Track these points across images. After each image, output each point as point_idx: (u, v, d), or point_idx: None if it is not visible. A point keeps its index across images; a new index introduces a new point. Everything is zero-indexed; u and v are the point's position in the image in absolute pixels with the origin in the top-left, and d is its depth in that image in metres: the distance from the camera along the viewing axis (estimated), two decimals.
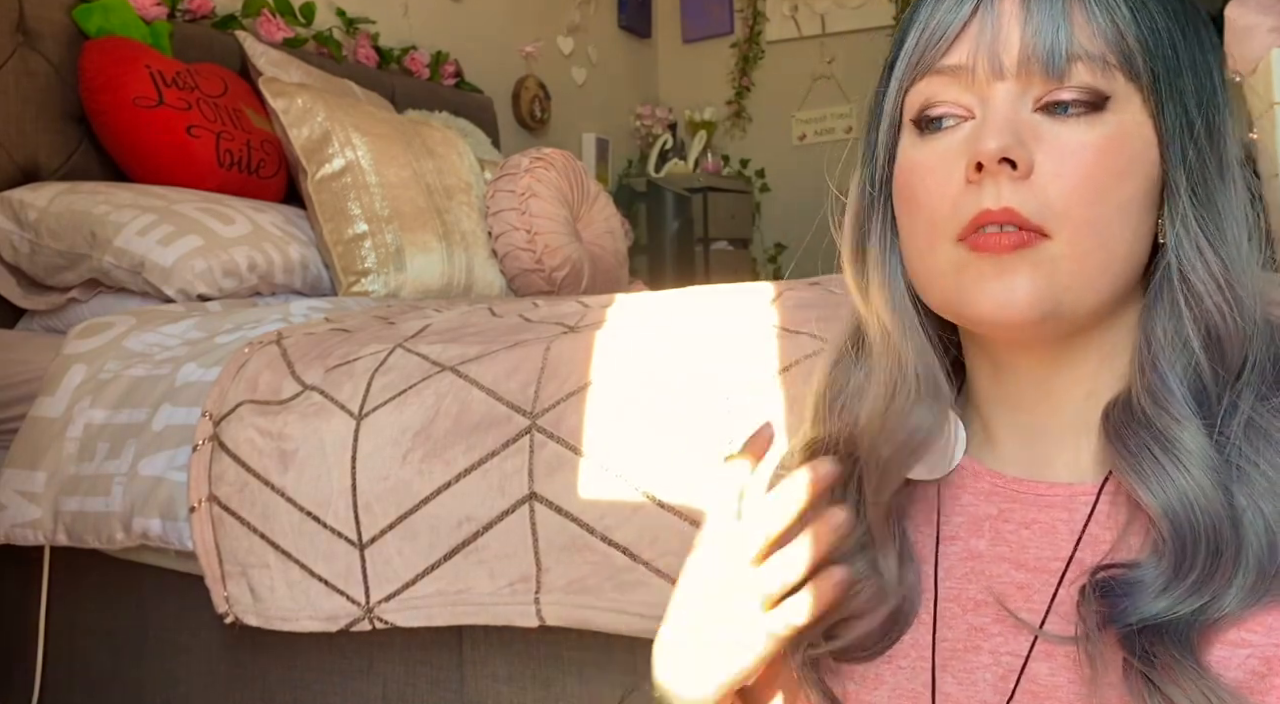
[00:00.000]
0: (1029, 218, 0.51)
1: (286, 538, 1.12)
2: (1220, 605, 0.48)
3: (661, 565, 0.95)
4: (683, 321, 1.13)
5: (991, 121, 0.52)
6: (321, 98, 2.01)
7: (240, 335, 1.38)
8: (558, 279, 2.19)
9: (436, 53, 2.88)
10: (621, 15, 4.05)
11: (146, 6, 1.99)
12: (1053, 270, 0.51)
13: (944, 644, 0.58)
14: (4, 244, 1.69)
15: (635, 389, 1.02)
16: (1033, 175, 0.51)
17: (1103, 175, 0.51)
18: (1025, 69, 0.52)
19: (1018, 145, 0.51)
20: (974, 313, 0.53)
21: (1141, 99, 0.52)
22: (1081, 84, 0.51)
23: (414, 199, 2.02)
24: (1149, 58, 0.52)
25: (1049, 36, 0.51)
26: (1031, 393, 0.58)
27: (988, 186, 0.52)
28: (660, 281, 3.23)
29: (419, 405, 1.11)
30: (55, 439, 1.33)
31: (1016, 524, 0.57)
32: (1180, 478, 0.50)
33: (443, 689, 1.15)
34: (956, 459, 0.61)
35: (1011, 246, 0.51)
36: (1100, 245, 0.52)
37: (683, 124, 4.18)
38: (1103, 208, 0.51)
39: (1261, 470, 0.50)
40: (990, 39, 0.53)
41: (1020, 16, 0.52)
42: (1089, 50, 0.51)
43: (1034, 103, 0.52)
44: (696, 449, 0.96)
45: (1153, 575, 0.50)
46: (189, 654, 1.33)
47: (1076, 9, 0.52)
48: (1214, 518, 0.49)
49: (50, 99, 1.83)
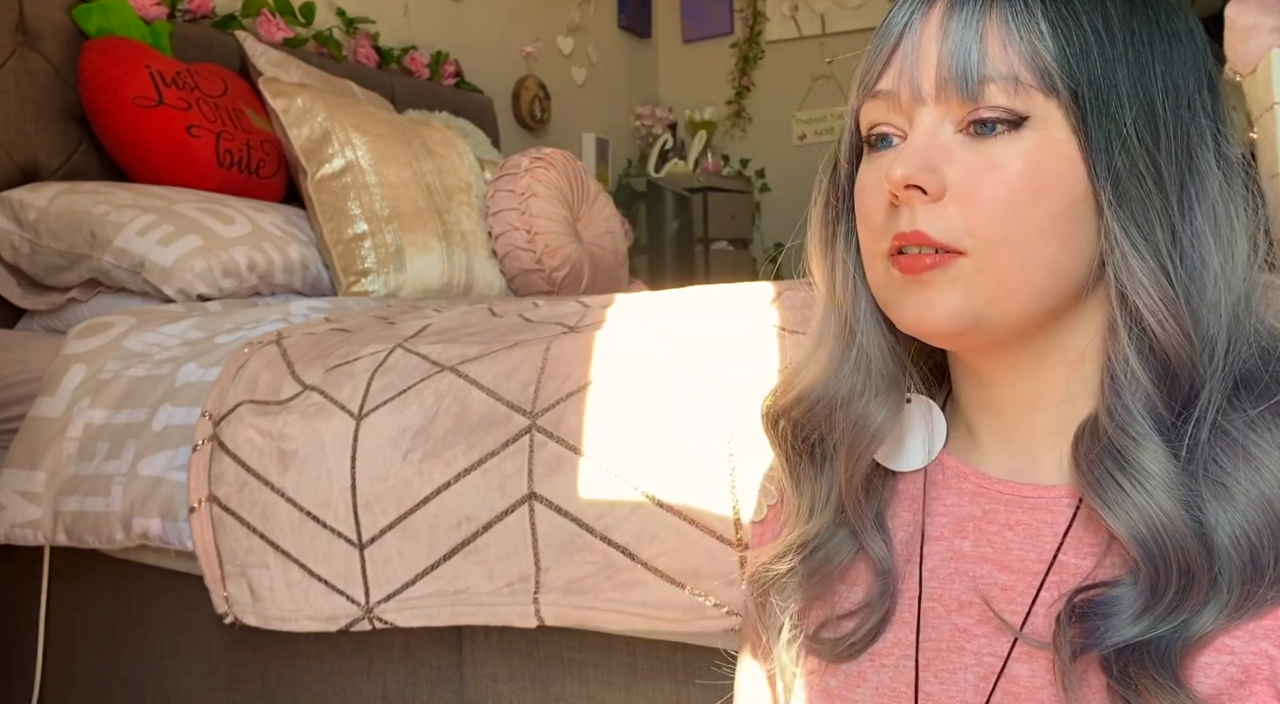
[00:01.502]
0: (936, 238, 0.52)
1: (286, 538, 1.12)
2: (1200, 624, 0.48)
3: (660, 565, 0.95)
4: (683, 321, 1.13)
5: (905, 148, 0.54)
6: (321, 98, 2.01)
7: (240, 335, 1.38)
8: (558, 279, 2.19)
9: (436, 53, 2.88)
10: (621, 15, 4.05)
11: (146, 6, 1.99)
12: (968, 286, 0.53)
13: (927, 644, 0.58)
14: (4, 244, 1.69)
15: (635, 389, 1.02)
16: (946, 196, 0.52)
17: (1016, 194, 0.52)
18: (943, 93, 0.53)
19: (924, 171, 0.52)
20: (902, 323, 0.56)
21: (1063, 114, 0.52)
22: (996, 105, 0.52)
23: (414, 199, 2.02)
24: (1068, 73, 0.52)
25: (961, 60, 0.52)
26: (1009, 397, 0.58)
27: (903, 209, 0.54)
28: (660, 281, 3.23)
29: (419, 405, 1.10)
30: (55, 439, 1.33)
31: (1000, 525, 0.58)
32: (1142, 501, 0.50)
33: (443, 689, 1.15)
34: (933, 453, 0.62)
35: (926, 267, 0.53)
36: (1019, 262, 0.52)
37: (683, 124, 4.18)
38: (1016, 225, 0.52)
39: (1241, 486, 0.50)
40: (911, 65, 0.54)
41: (937, 40, 0.53)
42: (1000, 71, 0.52)
43: (955, 125, 0.53)
44: (696, 449, 0.96)
45: (1130, 596, 0.50)
46: (189, 654, 1.33)
47: (990, 30, 0.52)
48: (1180, 540, 0.49)
49: (50, 99, 1.83)
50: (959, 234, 0.52)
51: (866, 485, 0.61)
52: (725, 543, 0.93)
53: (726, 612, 0.92)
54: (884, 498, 0.63)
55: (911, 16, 0.55)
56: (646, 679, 1.05)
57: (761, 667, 0.67)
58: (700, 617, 0.94)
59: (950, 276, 0.53)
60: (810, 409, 0.62)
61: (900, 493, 0.63)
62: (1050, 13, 0.52)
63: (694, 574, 0.94)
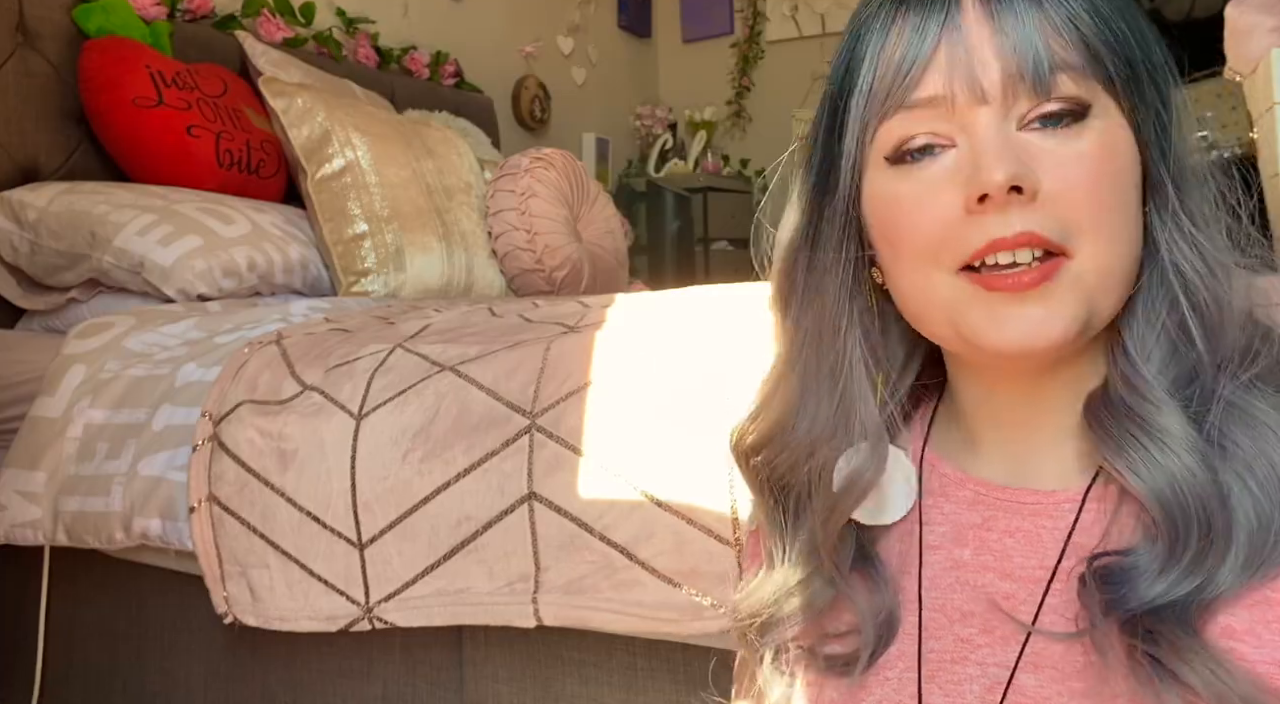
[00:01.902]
0: (1051, 238, 0.50)
1: (286, 538, 1.12)
2: (1216, 584, 0.49)
3: (658, 565, 0.95)
4: (682, 322, 1.13)
5: (988, 150, 0.51)
6: (321, 98, 2.01)
7: (240, 335, 1.38)
8: (558, 279, 2.19)
9: (436, 53, 2.88)
10: (621, 15, 4.05)
11: (146, 6, 1.99)
12: (1081, 289, 0.51)
13: (931, 655, 0.57)
14: (4, 244, 1.69)
15: (635, 389, 1.02)
16: (1040, 196, 0.51)
17: (1105, 182, 0.51)
18: (1010, 89, 0.51)
19: (1023, 170, 0.50)
20: (993, 346, 0.52)
21: (1116, 102, 0.52)
22: (1067, 95, 0.51)
23: (414, 199, 2.02)
24: (1116, 60, 0.52)
25: (1029, 53, 0.51)
26: (1022, 405, 0.58)
27: (990, 216, 0.51)
28: (660, 281, 3.23)
29: (419, 405, 1.10)
30: (55, 439, 1.33)
31: (1000, 532, 0.57)
32: (1167, 460, 0.50)
33: (443, 689, 1.15)
34: (904, 508, 0.60)
35: (1032, 283, 0.50)
36: (1118, 253, 0.52)
37: (683, 124, 4.18)
38: (1113, 214, 0.51)
39: (1243, 448, 0.50)
40: (965, 65, 0.52)
41: (991, 37, 0.51)
42: (1068, 60, 0.51)
43: (1019, 122, 0.52)
44: (695, 448, 0.96)
45: (1148, 560, 0.50)
46: (189, 654, 1.33)
47: (1044, 21, 0.51)
48: (1203, 497, 0.49)
49: (50, 99, 1.83)
50: (1068, 232, 0.50)
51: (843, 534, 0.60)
52: (723, 542, 0.93)
53: (724, 612, 0.92)
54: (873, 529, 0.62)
55: (934, 22, 0.53)
56: (647, 679, 1.05)
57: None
58: (697, 617, 0.94)
59: (1062, 285, 0.50)
60: (785, 453, 0.60)
61: None
62: (1086, 2, 0.52)
63: (691, 574, 0.94)
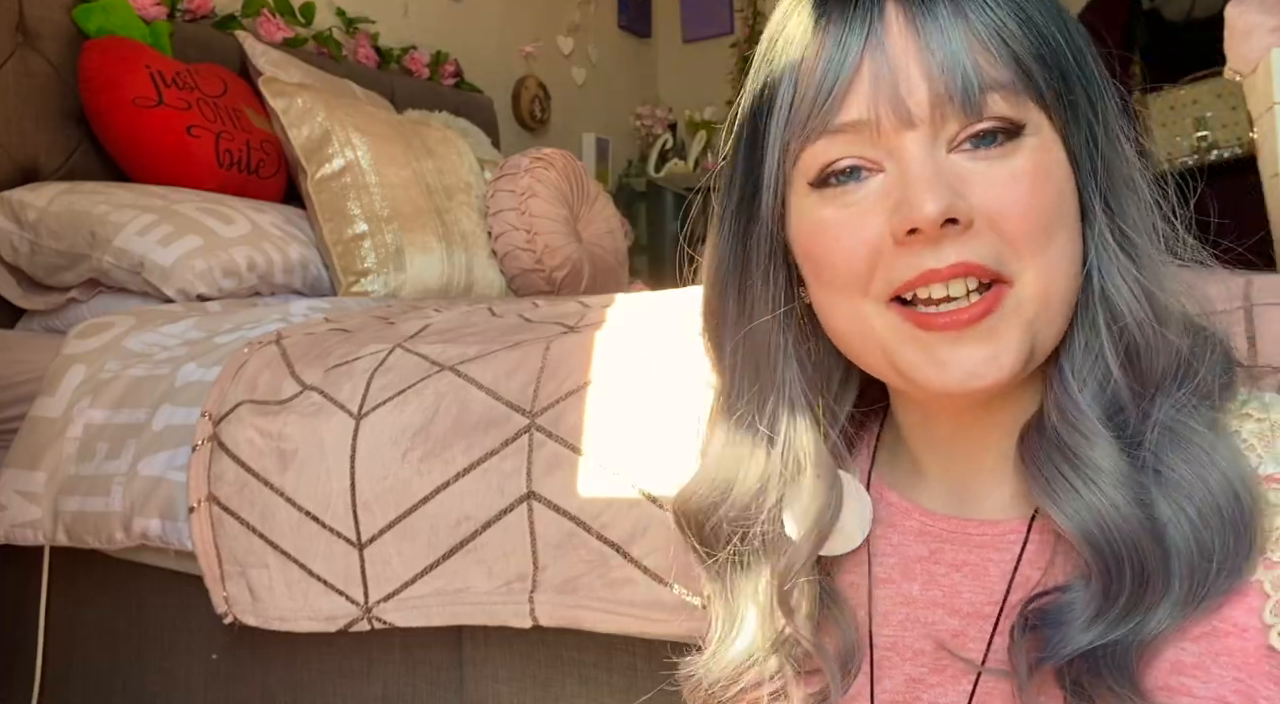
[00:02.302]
0: (988, 266, 0.48)
1: (285, 538, 1.12)
2: (1155, 623, 0.47)
3: (649, 562, 0.95)
4: (683, 321, 1.13)
5: (918, 180, 0.47)
6: (321, 98, 2.01)
7: (240, 335, 1.38)
8: (558, 279, 2.19)
9: (436, 53, 2.88)
10: (621, 15, 4.05)
11: (146, 6, 1.99)
12: (1023, 318, 0.48)
13: (883, 695, 0.56)
14: (4, 244, 1.69)
15: (634, 388, 1.02)
16: (976, 223, 0.48)
17: (1042, 203, 0.48)
18: (939, 112, 0.48)
19: (955, 200, 0.47)
20: (935, 388, 0.50)
21: (1048, 118, 0.49)
22: (999, 115, 0.48)
23: (414, 199, 2.02)
24: (1047, 74, 0.49)
25: (958, 72, 0.47)
26: (962, 433, 0.56)
27: (922, 248, 0.48)
28: (660, 281, 3.22)
29: (418, 405, 1.10)
30: (55, 439, 1.33)
31: (947, 566, 0.56)
32: (1092, 497, 0.48)
33: (443, 689, 1.15)
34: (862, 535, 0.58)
35: (973, 319, 0.48)
36: (1059, 277, 0.49)
37: (683, 124, 4.18)
38: (1052, 237, 0.48)
39: (1180, 474, 0.48)
40: (890, 86, 0.48)
41: (917, 54, 0.48)
42: (998, 79, 0.48)
43: (949, 144, 0.49)
44: (693, 447, 0.96)
45: (1082, 600, 0.48)
46: (189, 654, 1.33)
47: (970, 34, 0.48)
48: (1133, 537, 0.47)
49: (50, 99, 1.83)
50: (1005, 258, 0.48)
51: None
52: None
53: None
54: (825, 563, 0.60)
55: (855, 37, 0.49)
56: (647, 680, 1.05)
57: None
58: (689, 618, 0.94)
59: (1004, 317, 0.48)
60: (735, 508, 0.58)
61: None
62: (1018, 14, 0.49)
63: (683, 573, 0.94)
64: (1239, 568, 0.47)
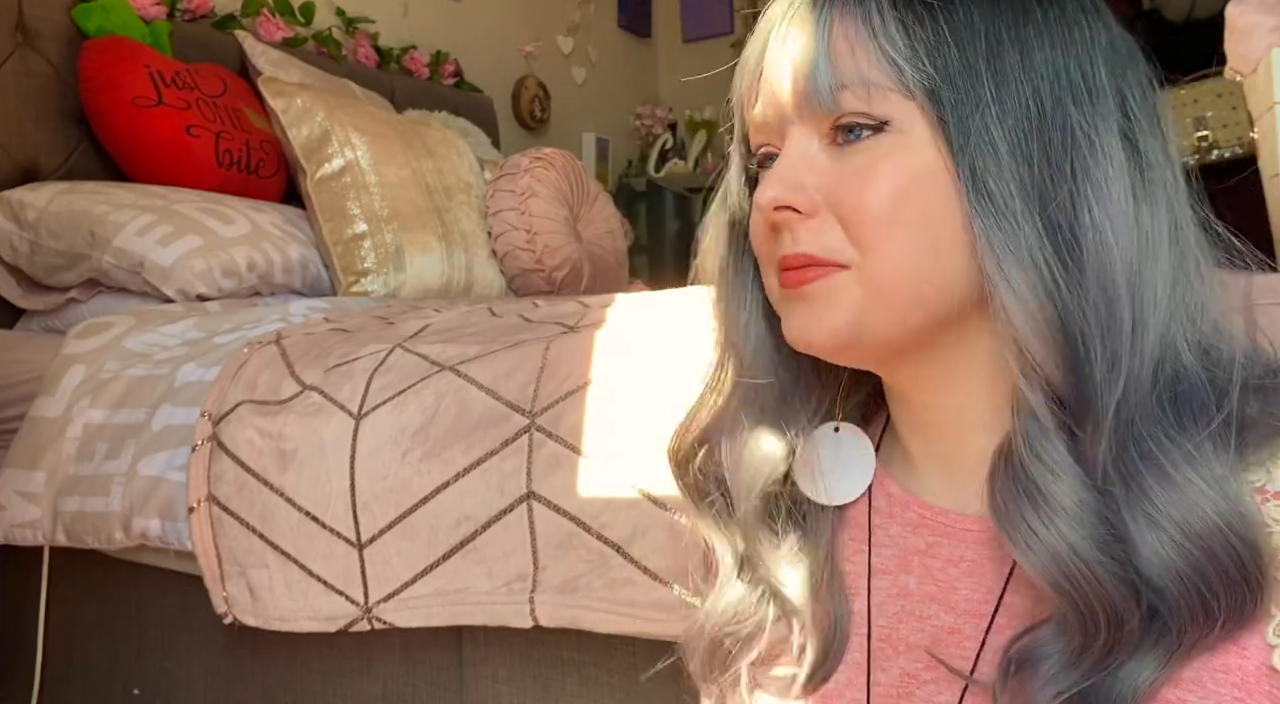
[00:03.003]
0: (819, 255, 0.51)
1: (285, 538, 1.12)
2: (1146, 669, 0.45)
3: (649, 563, 0.95)
4: (682, 321, 1.13)
5: (773, 170, 0.53)
6: (321, 97, 2.01)
7: (239, 335, 1.38)
8: (558, 279, 2.18)
9: (436, 52, 2.88)
10: (621, 15, 4.05)
11: (146, 6, 1.99)
12: (848, 298, 0.51)
13: (878, 688, 0.56)
14: (4, 244, 1.69)
15: (634, 388, 1.02)
16: (821, 211, 0.51)
17: (881, 200, 0.50)
18: (804, 108, 0.52)
19: (793, 190, 0.51)
20: (790, 340, 0.55)
21: (922, 115, 0.49)
22: (853, 111, 0.50)
23: (414, 199, 2.02)
24: (921, 71, 0.49)
25: (812, 73, 0.51)
26: (933, 418, 0.56)
27: (784, 232, 0.53)
28: (660, 281, 3.22)
29: (418, 405, 1.10)
30: (54, 439, 1.33)
31: (944, 561, 0.55)
32: (1053, 541, 0.46)
33: (443, 689, 1.15)
34: (862, 485, 0.60)
35: (806, 281, 0.52)
36: (892, 269, 0.50)
37: (683, 124, 4.18)
38: (885, 232, 0.50)
39: (1172, 517, 0.45)
40: (772, 87, 0.53)
41: (790, 58, 0.52)
42: (850, 77, 0.50)
43: (822, 137, 0.52)
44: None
45: (1062, 640, 0.47)
46: (189, 654, 1.33)
47: (837, 35, 0.50)
48: (1094, 583, 0.45)
49: (50, 99, 1.83)
50: (839, 247, 0.51)
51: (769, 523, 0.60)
52: None
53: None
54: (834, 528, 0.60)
55: (768, 37, 0.54)
56: (647, 680, 1.05)
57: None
58: (689, 618, 0.94)
59: (830, 288, 0.51)
60: (711, 450, 0.61)
61: (849, 520, 0.61)
62: (900, 10, 0.50)
63: (683, 573, 0.93)
64: (1241, 615, 0.45)
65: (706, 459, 0.62)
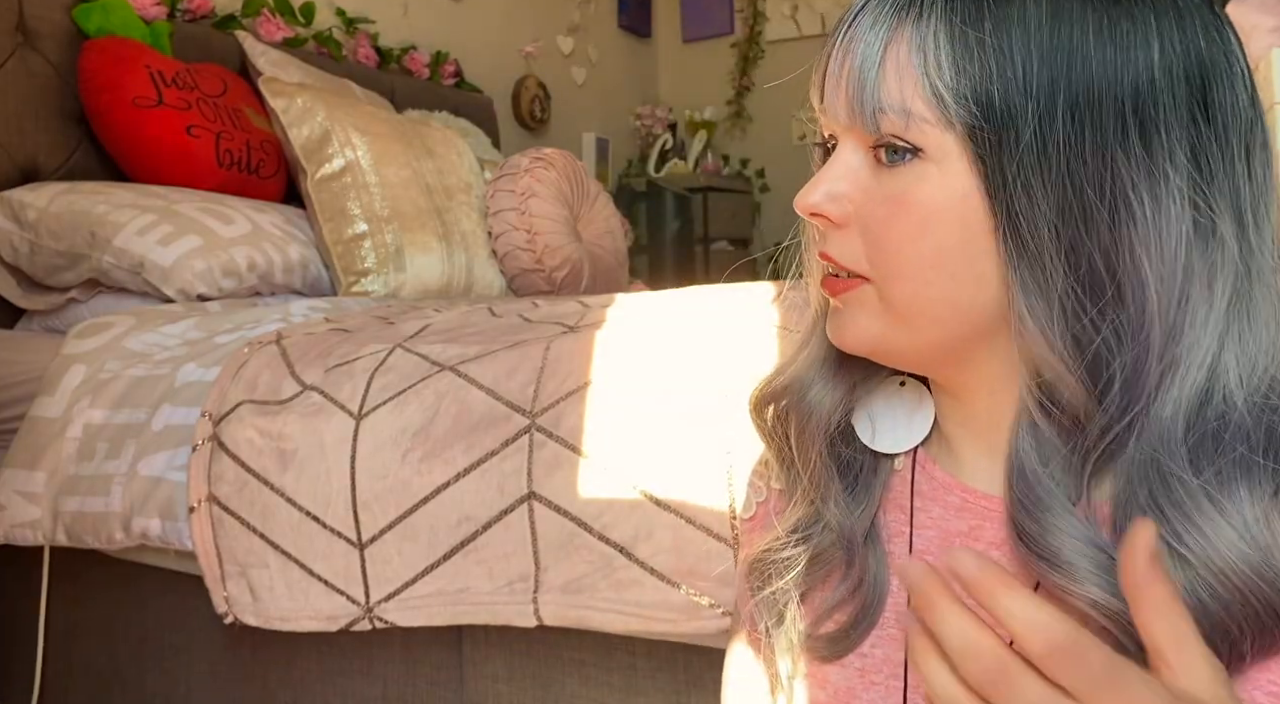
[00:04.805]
0: (840, 262, 0.54)
1: (286, 538, 1.12)
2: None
3: (656, 564, 0.95)
4: (682, 321, 1.13)
5: (817, 175, 0.55)
6: (321, 97, 2.01)
7: (240, 335, 1.38)
8: (558, 279, 2.19)
9: (436, 53, 2.88)
10: (621, 15, 4.05)
11: (146, 6, 1.99)
12: (871, 311, 0.54)
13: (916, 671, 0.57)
14: (4, 244, 1.69)
15: (635, 389, 1.02)
16: (851, 223, 0.53)
17: (904, 228, 0.51)
18: (854, 122, 0.52)
19: (828, 201, 0.53)
20: (829, 336, 0.57)
21: (960, 147, 0.49)
22: (893, 133, 0.50)
23: (414, 199, 2.02)
24: (963, 105, 0.48)
25: (858, 93, 0.51)
26: (973, 411, 0.57)
27: (823, 230, 0.55)
28: (660, 281, 3.23)
29: (418, 405, 1.10)
30: (55, 439, 1.33)
31: (986, 544, 0.56)
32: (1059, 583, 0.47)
33: (443, 689, 1.15)
34: (906, 443, 0.61)
35: (839, 291, 0.55)
36: (911, 293, 0.52)
37: (683, 124, 4.18)
38: (905, 258, 0.51)
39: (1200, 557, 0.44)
40: (830, 90, 0.54)
41: (845, 69, 0.53)
42: (892, 103, 0.50)
43: (868, 152, 0.53)
44: (694, 447, 0.96)
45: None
46: (189, 654, 1.33)
47: (890, 57, 0.50)
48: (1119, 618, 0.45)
49: (50, 99, 1.83)
50: (858, 260, 0.53)
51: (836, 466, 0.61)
52: (721, 541, 0.93)
53: (722, 612, 0.92)
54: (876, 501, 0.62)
55: (840, 30, 0.54)
56: (647, 680, 1.05)
57: (756, 655, 0.67)
58: (695, 617, 0.94)
59: (856, 300, 0.54)
60: (788, 397, 0.63)
61: (891, 501, 0.62)
62: (954, 44, 0.49)
63: (690, 573, 0.94)
64: (1270, 651, 0.44)
65: (782, 407, 0.64)
